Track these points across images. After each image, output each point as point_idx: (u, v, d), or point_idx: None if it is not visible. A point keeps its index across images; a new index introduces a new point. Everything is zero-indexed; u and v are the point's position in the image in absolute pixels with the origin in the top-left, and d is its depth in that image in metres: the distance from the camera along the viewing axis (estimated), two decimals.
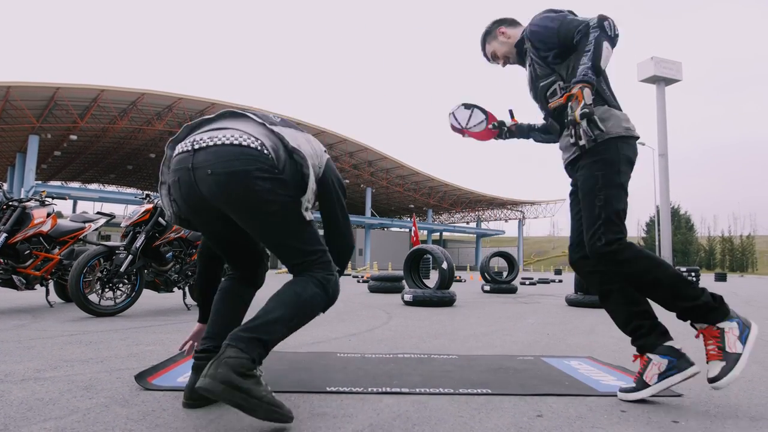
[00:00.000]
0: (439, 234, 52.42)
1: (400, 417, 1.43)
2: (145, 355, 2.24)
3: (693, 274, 14.10)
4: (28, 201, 4.16)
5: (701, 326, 1.54)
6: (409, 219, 47.31)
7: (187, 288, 4.53)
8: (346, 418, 1.40)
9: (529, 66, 1.83)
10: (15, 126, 26.49)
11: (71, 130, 27.51)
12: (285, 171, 1.43)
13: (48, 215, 4.18)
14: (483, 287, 8.31)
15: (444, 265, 5.70)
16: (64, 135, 28.40)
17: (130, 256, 3.82)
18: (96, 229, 4.72)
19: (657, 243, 41.89)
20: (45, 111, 25.14)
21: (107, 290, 3.84)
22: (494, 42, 1.95)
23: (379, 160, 36.72)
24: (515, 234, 50.57)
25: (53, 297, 4.54)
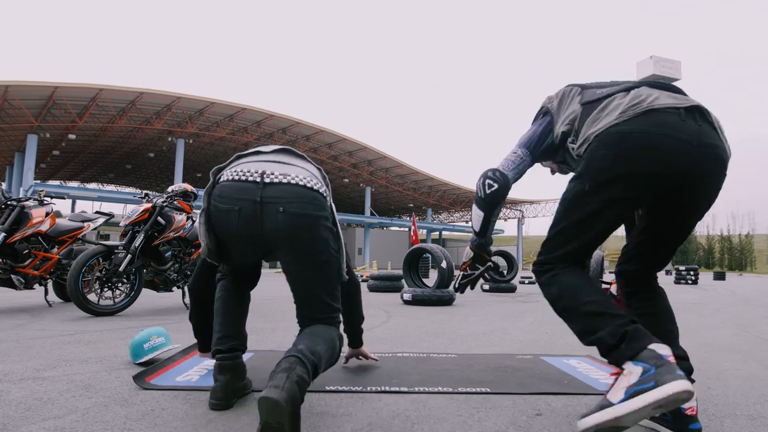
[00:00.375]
0: (439, 233, 52.41)
1: (399, 416, 1.43)
2: None
3: (692, 273, 14.13)
4: (27, 200, 4.16)
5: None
6: (409, 218, 47.32)
7: (186, 287, 4.53)
8: (345, 417, 1.40)
9: None
10: (13, 125, 26.44)
11: (70, 130, 27.46)
12: (336, 223, 1.50)
13: (47, 214, 4.18)
14: (482, 286, 8.31)
15: (443, 264, 5.71)
16: (63, 134, 28.35)
17: (129, 256, 3.82)
18: (95, 229, 4.72)
19: None
20: (43, 110, 25.09)
21: (106, 290, 3.83)
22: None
23: (379, 159, 36.70)
24: (514, 233, 50.60)
25: (52, 296, 4.54)
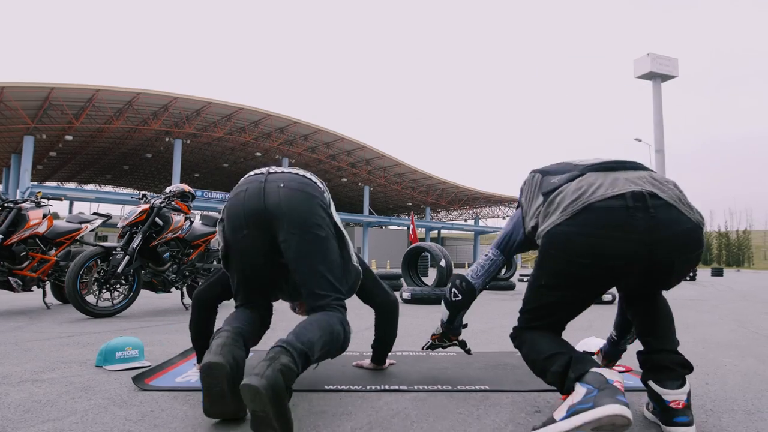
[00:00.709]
0: (437, 232, 52.46)
1: (399, 414, 1.43)
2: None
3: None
4: (24, 202, 4.15)
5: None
6: (407, 217, 47.31)
7: (185, 288, 4.52)
8: (345, 416, 1.40)
9: None
10: (9, 127, 26.37)
11: (66, 131, 27.39)
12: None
13: (44, 216, 4.17)
14: None
15: (442, 263, 5.71)
16: (60, 135, 28.28)
17: (127, 257, 3.81)
18: (92, 230, 4.71)
19: None
20: (40, 111, 25.02)
21: (104, 291, 3.83)
22: None
23: (377, 159, 36.70)
24: None
25: (50, 298, 4.53)
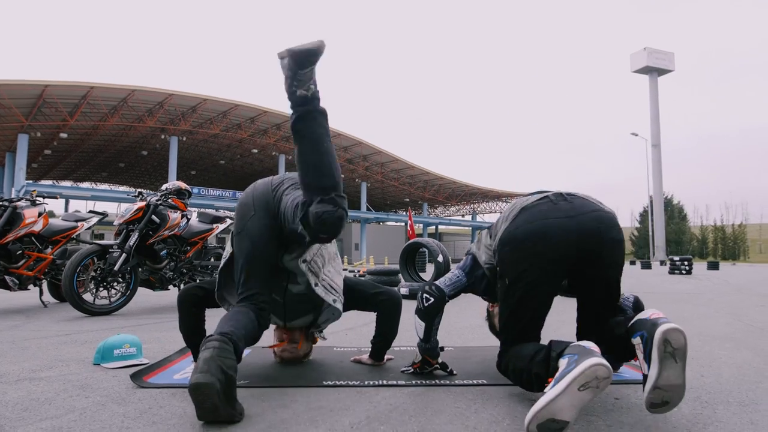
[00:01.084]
0: (435, 227, 52.49)
1: (397, 409, 1.44)
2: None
3: (686, 263, 14.24)
4: (19, 201, 4.13)
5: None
6: (405, 213, 47.32)
7: (183, 286, 4.52)
8: (343, 411, 1.41)
9: None
10: (3, 125, 26.19)
11: (61, 128, 27.23)
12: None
13: (39, 215, 4.15)
14: None
15: (440, 259, 5.71)
16: (54, 133, 28.12)
17: (124, 255, 3.80)
18: (89, 228, 4.70)
19: (650, 233, 42.17)
20: (34, 109, 24.86)
21: (102, 289, 3.82)
22: None
23: (374, 155, 36.65)
24: None
25: (47, 297, 4.52)
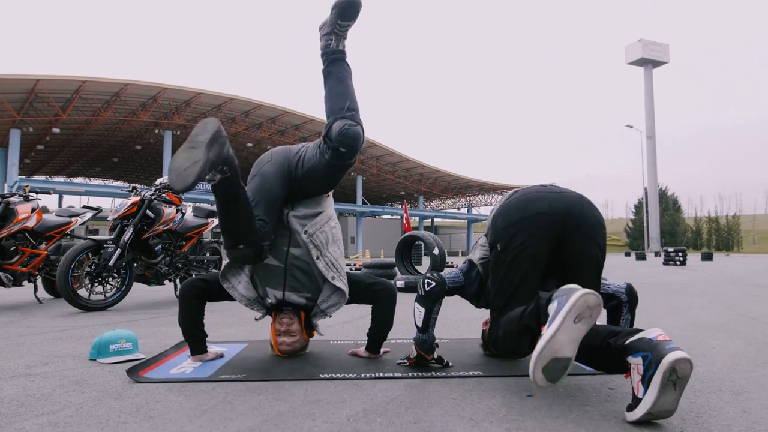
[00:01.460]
0: (431, 220, 52.55)
1: (394, 401, 1.44)
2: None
3: (680, 254, 14.35)
4: (12, 196, 4.10)
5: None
6: (401, 206, 47.31)
7: (178, 280, 4.51)
8: (340, 404, 1.42)
9: None
10: None
11: (54, 123, 26.96)
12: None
13: (33, 210, 4.12)
14: None
15: (435, 251, 5.72)
16: (47, 128, 27.83)
17: (119, 250, 3.78)
18: (83, 223, 4.67)
19: (645, 224, 42.39)
20: (25, 104, 24.57)
21: (97, 284, 3.80)
22: None
23: (370, 148, 36.53)
24: None
25: (42, 293, 4.50)
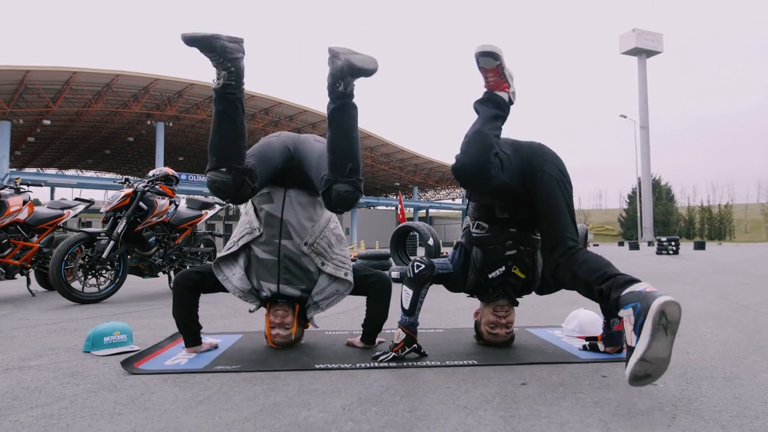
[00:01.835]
0: (425, 211, 52.60)
1: (389, 390, 1.45)
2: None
3: (673, 244, 14.46)
4: (3, 189, 4.05)
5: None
6: (395, 197, 47.27)
7: (172, 272, 4.49)
8: (335, 393, 1.42)
9: None
10: None
11: (44, 115, 26.64)
12: None
13: (24, 203, 4.08)
14: None
15: (430, 242, 5.73)
16: (37, 120, 27.50)
17: (112, 242, 3.76)
18: (75, 216, 4.63)
19: (639, 214, 42.62)
20: (15, 95, 24.25)
21: (90, 277, 3.78)
22: None
23: (363, 138, 36.39)
24: None
25: (35, 286, 4.47)
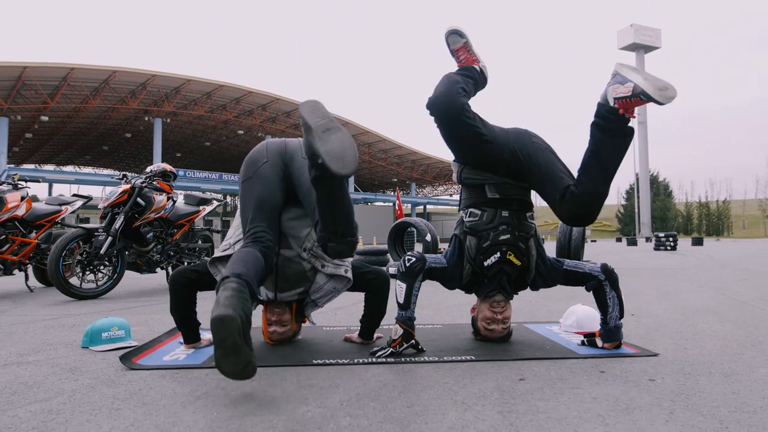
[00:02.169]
0: (423, 207, 52.58)
1: (387, 386, 1.45)
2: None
3: (671, 239, 14.48)
4: (1, 185, 4.04)
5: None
6: (393, 193, 47.26)
7: (170, 268, 4.49)
8: (333, 389, 1.42)
9: None
10: None
11: (42, 111, 26.58)
12: None
13: (22, 199, 4.07)
14: None
15: (428, 238, 5.73)
16: (35, 116, 27.44)
17: (110, 238, 3.75)
18: (73, 212, 4.62)
19: (636, 210, 42.74)
20: (13, 92, 24.17)
21: (88, 273, 3.78)
22: None
23: (361, 135, 36.38)
24: None
25: (33, 282, 4.46)
